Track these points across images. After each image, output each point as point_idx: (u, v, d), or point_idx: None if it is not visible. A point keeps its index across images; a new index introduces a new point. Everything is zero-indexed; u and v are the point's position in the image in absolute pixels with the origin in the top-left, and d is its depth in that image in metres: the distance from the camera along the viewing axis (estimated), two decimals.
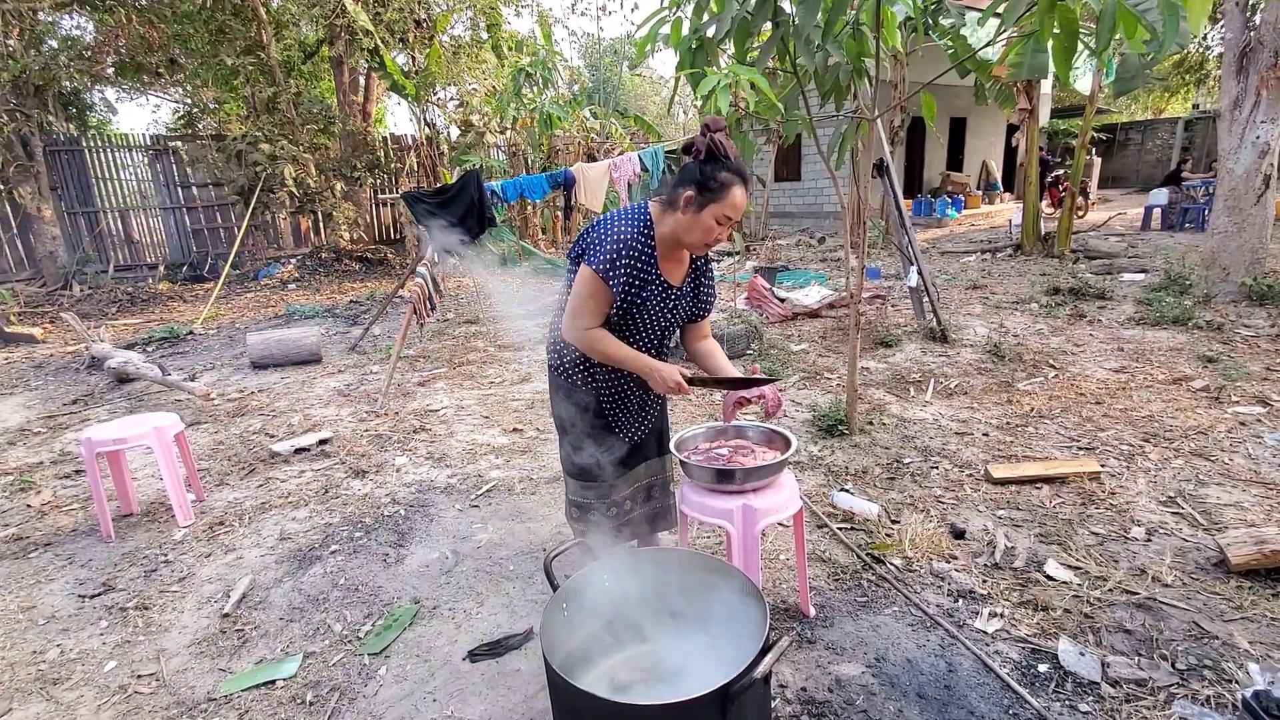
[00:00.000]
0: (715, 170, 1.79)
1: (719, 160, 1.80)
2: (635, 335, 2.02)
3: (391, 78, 10.60)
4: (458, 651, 2.21)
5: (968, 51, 3.34)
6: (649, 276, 1.92)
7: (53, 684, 2.17)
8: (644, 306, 1.96)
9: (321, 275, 11.69)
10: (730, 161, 1.80)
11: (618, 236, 1.86)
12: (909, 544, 2.64)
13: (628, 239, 1.86)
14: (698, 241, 1.87)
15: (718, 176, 1.79)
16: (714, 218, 1.81)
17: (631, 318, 1.98)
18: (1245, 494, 2.89)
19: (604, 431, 2.15)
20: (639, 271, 1.90)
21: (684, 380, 1.93)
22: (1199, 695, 1.83)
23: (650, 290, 1.94)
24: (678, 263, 2.02)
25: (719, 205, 1.80)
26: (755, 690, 1.29)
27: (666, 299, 2.00)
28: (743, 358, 5.41)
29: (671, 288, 2.00)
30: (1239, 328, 5.26)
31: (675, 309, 2.03)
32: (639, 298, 1.93)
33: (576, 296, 1.91)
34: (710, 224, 1.82)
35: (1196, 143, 18.85)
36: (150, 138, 12.25)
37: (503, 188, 5.42)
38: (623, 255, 1.85)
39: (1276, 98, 5.62)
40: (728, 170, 1.80)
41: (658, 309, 1.99)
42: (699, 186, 1.80)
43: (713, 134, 1.80)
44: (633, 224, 1.89)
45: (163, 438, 3.12)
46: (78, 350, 6.96)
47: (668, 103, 3.35)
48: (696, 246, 1.91)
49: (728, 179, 1.79)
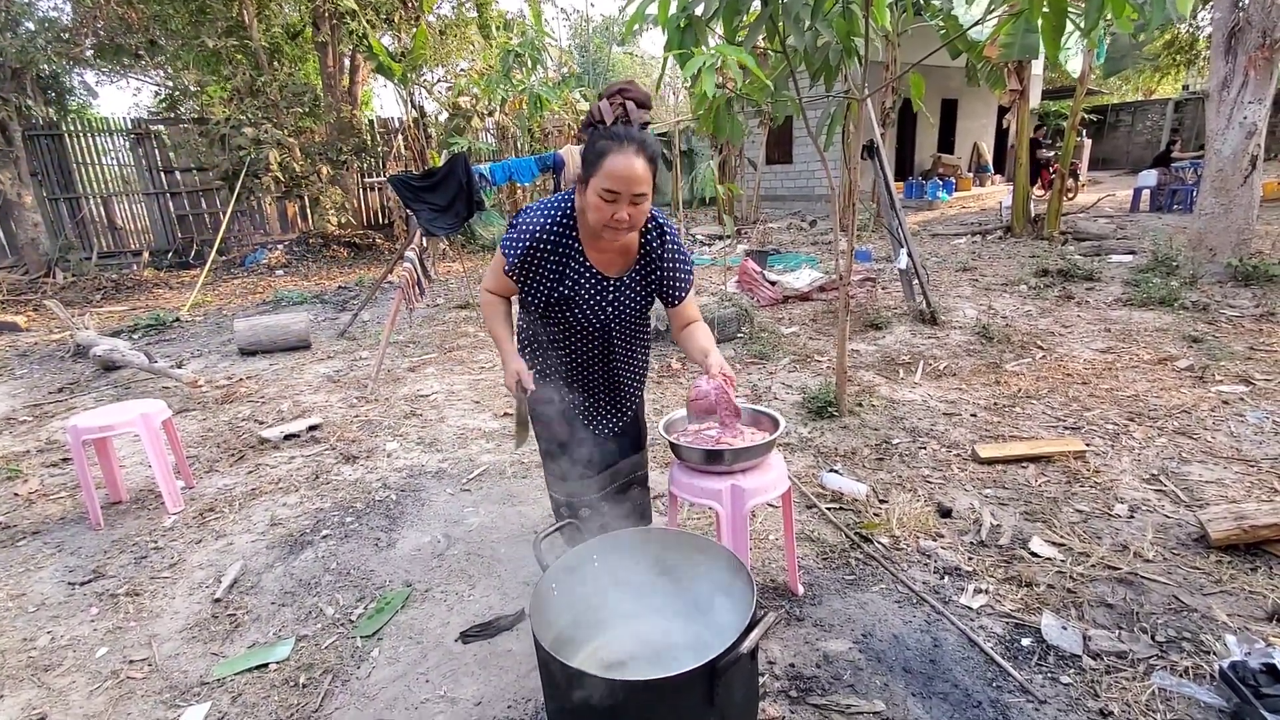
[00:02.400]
0: (592, 139, 1.63)
1: (594, 125, 1.63)
2: (573, 328, 1.92)
3: (377, 59, 10.44)
4: (450, 633, 2.23)
5: (958, 31, 3.32)
6: (568, 268, 1.80)
7: (44, 670, 2.17)
8: (573, 301, 1.84)
9: (309, 261, 11.58)
10: (606, 126, 1.61)
11: (527, 226, 1.77)
12: (896, 523, 2.67)
13: (535, 229, 1.76)
14: (597, 223, 1.67)
15: (594, 146, 1.62)
16: (596, 193, 1.62)
17: (562, 310, 1.87)
18: (1227, 471, 2.93)
19: (574, 425, 2.06)
20: (554, 262, 1.79)
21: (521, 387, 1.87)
22: (1178, 666, 1.87)
23: (577, 284, 1.82)
24: (617, 253, 1.84)
25: (596, 178, 1.61)
26: (742, 665, 1.31)
27: (601, 291, 1.85)
28: (733, 341, 5.42)
29: (605, 279, 1.85)
30: (1224, 308, 5.31)
31: (618, 301, 1.88)
32: (558, 289, 1.82)
33: (493, 261, 1.89)
34: (597, 201, 1.62)
35: (1186, 124, 18.90)
36: (131, 121, 12.03)
37: (491, 171, 5.37)
38: (525, 243, 1.76)
39: (1264, 78, 5.63)
40: (604, 137, 1.61)
41: (591, 303, 1.86)
42: (582, 159, 1.64)
43: (605, 99, 1.65)
44: (547, 214, 1.78)
45: (150, 425, 3.10)
46: (62, 338, 6.89)
47: (656, 83, 3.32)
48: (601, 230, 1.70)
49: (603, 147, 1.60)
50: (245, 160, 10.17)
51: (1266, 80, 5.64)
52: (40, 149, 11.01)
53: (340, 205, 12.02)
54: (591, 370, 2.02)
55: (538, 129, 11.02)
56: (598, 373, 2.03)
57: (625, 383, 2.11)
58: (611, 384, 2.07)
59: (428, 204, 5.14)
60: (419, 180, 5.22)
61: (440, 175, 5.16)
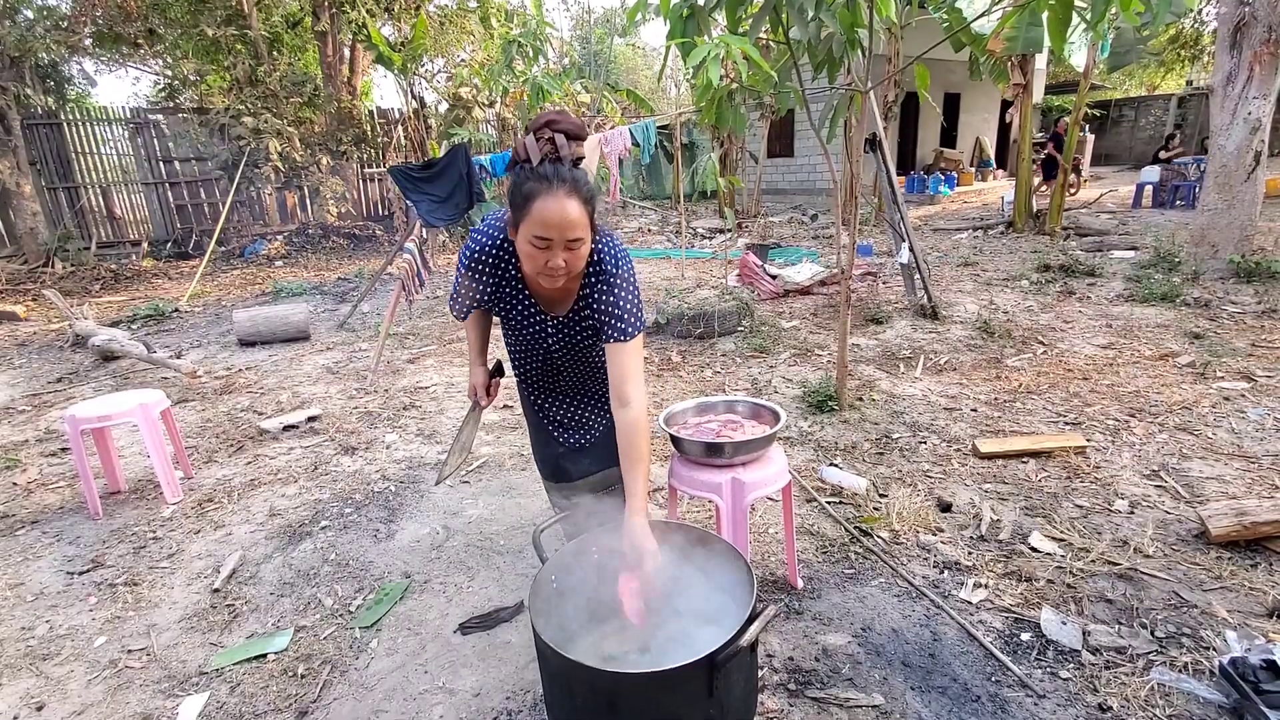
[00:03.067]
0: (518, 182, 1.45)
1: (520, 165, 1.46)
2: (520, 353, 1.87)
3: (377, 49, 10.38)
4: (449, 625, 2.23)
5: (962, 23, 3.29)
6: (507, 297, 1.72)
7: (42, 659, 2.17)
8: (510, 322, 1.78)
9: (309, 252, 11.55)
10: (533, 166, 1.43)
11: (472, 243, 1.67)
12: (896, 517, 2.66)
13: (476, 249, 1.66)
14: (532, 272, 1.52)
15: (521, 188, 1.44)
16: (527, 241, 1.46)
17: (511, 334, 1.83)
18: (1227, 468, 2.93)
19: (543, 429, 2.00)
20: (495, 285, 1.70)
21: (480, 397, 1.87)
22: (1177, 662, 1.87)
23: (514, 311, 1.74)
24: (557, 292, 1.67)
25: (526, 224, 1.45)
26: (742, 659, 1.30)
27: (540, 325, 1.75)
28: (733, 334, 5.41)
29: (545, 315, 1.73)
30: (1226, 304, 5.30)
31: (559, 336, 1.76)
32: (500, 308, 1.76)
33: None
34: (529, 250, 1.46)
35: (1190, 119, 18.83)
36: (130, 111, 11.97)
37: (491, 162, 5.35)
38: (473, 257, 1.66)
39: (1269, 74, 5.60)
40: (531, 178, 1.43)
41: (532, 333, 1.77)
42: (510, 203, 1.49)
43: (531, 133, 1.45)
44: (489, 235, 1.65)
45: (148, 415, 3.09)
46: (61, 328, 6.87)
47: (658, 74, 3.28)
48: (539, 280, 1.54)
49: (530, 189, 1.43)
50: (245, 150, 10.13)
51: (1271, 76, 5.61)
52: (39, 138, 10.96)
53: (340, 196, 11.98)
54: (545, 386, 1.96)
55: None
56: (551, 390, 1.96)
57: (586, 405, 1.98)
58: (568, 403, 1.97)
59: (428, 195, 5.11)
60: (419, 171, 5.19)
61: (440, 166, 5.13)
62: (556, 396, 1.97)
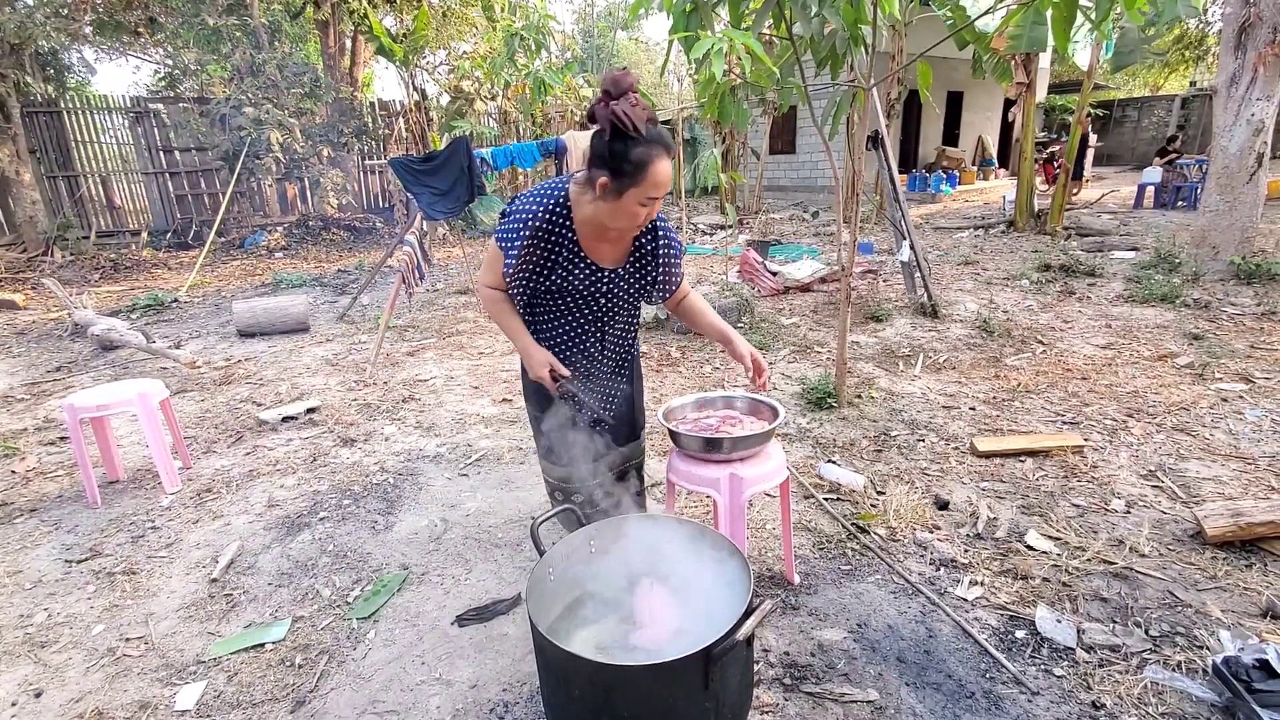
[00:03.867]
0: (627, 149, 1.54)
1: (626, 137, 1.54)
2: (566, 316, 1.91)
3: (379, 41, 10.34)
4: (446, 616, 2.23)
5: (966, 21, 3.28)
6: (562, 259, 1.78)
7: (40, 647, 2.17)
8: (566, 292, 1.84)
9: (309, 243, 11.53)
10: (641, 133, 1.54)
11: (521, 216, 1.73)
12: (893, 514, 2.67)
13: (530, 221, 1.72)
14: (626, 228, 1.70)
15: (630, 156, 1.54)
16: (636, 202, 1.60)
17: (557, 304, 1.87)
18: (1224, 468, 2.94)
19: (564, 412, 2.03)
20: (550, 253, 1.77)
21: (552, 379, 1.86)
22: (1171, 661, 1.88)
23: (570, 275, 1.81)
24: (609, 244, 1.82)
25: (639, 189, 1.58)
26: (738, 652, 1.31)
27: (596, 284, 1.85)
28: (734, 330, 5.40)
29: (601, 271, 1.83)
30: (1225, 306, 5.30)
31: (612, 293, 1.89)
32: (551, 281, 1.81)
33: (487, 256, 1.86)
34: (634, 209, 1.62)
35: (1193, 120, 18.79)
36: (131, 100, 11.93)
37: (493, 155, 5.33)
38: (523, 236, 1.72)
39: (1273, 74, 5.59)
40: (640, 145, 1.54)
41: (585, 294, 1.86)
42: (612, 171, 1.57)
43: (612, 103, 1.53)
44: (541, 202, 1.73)
45: (147, 404, 3.09)
46: (60, 317, 6.87)
47: (660, 68, 3.28)
48: (628, 231, 1.73)
49: (642, 156, 1.55)
50: (245, 141, 10.09)
51: (1275, 77, 5.60)
52: (39, 126, 10.93)
53: (340, 188, 11.94)
54: (579, 359, 1.99)
55: (539, 114, 10.93)
56: (585, 362, 2.00)
57: (614, 372, 2.08)
58: (600, 373, 2.04)
59: (428, 187, 5.10)
60: (420, 163, 5.18)
61: (441, 159, 5.12)
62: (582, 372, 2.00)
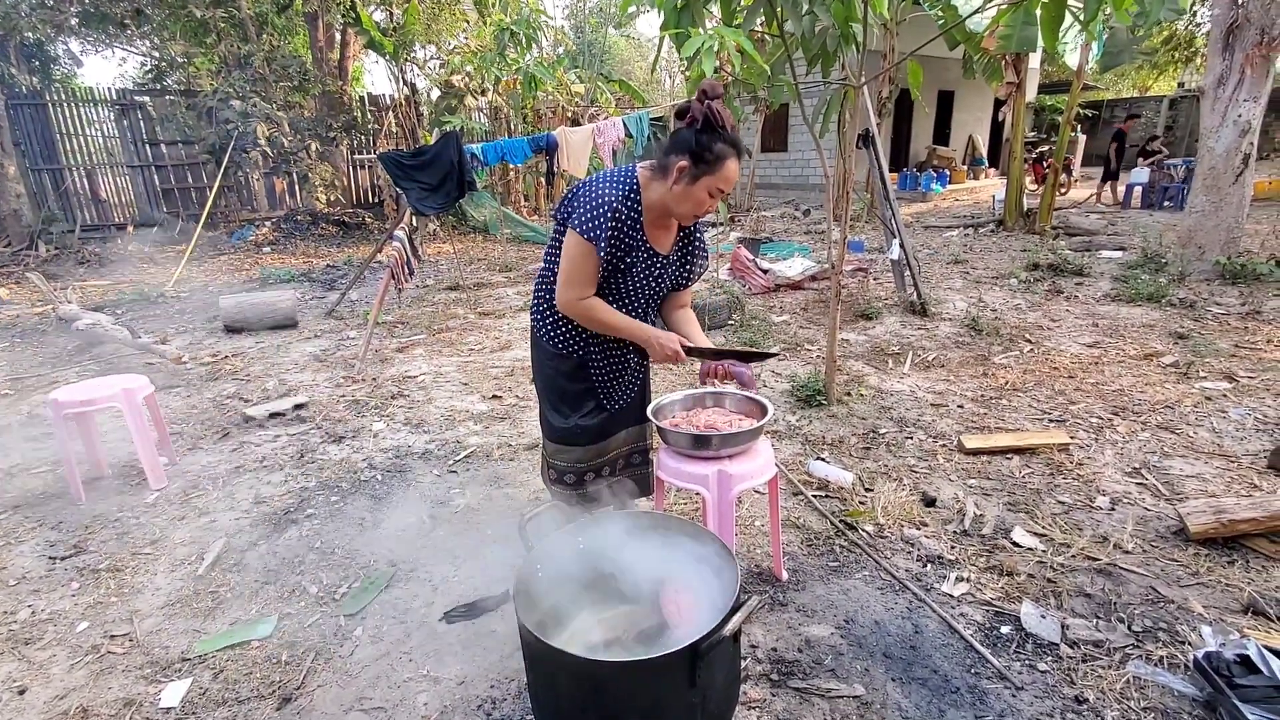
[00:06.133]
0: (712, 141, 1.72)
1: (715, 130, 1.73)
2: (622, 302, 1.98)
3: (368, 34, 10.26)
4: (434, 613, 2.23)
5: (956, 20, 3.30)
6: (634, 242, 1.88)
7: (24, 644, 2.15)
8: (629, 273, 1.92)
9: (297, 238, 11.43)
10: (726, 132, 1.74)
11: (601, 198, 1.80)
12: (881, 511, 2.69)
13: (611, 202, 1.80)
14: (688, 213, 1.83)
15: (714, 148, 1.72)
16: (707, 190, 1.77)
17: (617, 284, 1.94)
18: (1208, 466, 2.97)
19: (587, 398, 2.11)
20: (624, 236, 1.85)
21: (681, 350, 1.93)
22: (1153, 656, 1.90)
23: (635, 257, 1.90)
24: (665, 230, 1.96)
25: (713, 178, 1.75)
26: (724, 648, 1.32)
27: (652, 267, 1.95)
28: (724, 328, 5.41)
29: (658, 255, 1.95)
30: (1210, 305, 5.36)
31: (662, 277, 2.00)
32: (623, 264, 1.89)
33: (568, 262, 1.85)
34: (703, 196, 1.78)
35: (1180, 121, 18.94)
36: (117, 92, 11.78)
37: (483, 151, 5.30)
38: (606, 218, 1.79)
39: (1260, 76, 5.65)
40: (724, 141, 1.73)
41: (643, 276, 1.95)
42: (694, 157, 1.73)
43: (710, 101, 1.73)
44: (618, 187, 1.83)
45: (132, 400, 3.06)
46: (44, 311, 6.78)
47: (651, 65, 3.26)
48: (686, 217, 1.87)
49: (723, 150, 1.73)
50: (232, 134, 9.99)
51: (1262, 78, 5.66)
52: (23, 118, 10.76)
53: (329, 182, 11.87)
54: (620, 342, 2.06)
55: (530, 110, 10.89)
56: (622, 347, 2.08)
57: (640, 355, 2.16)
58: (629, 358, 2.13)
59: (418, 183, 5.07)
60: (409, 158, 5.15)
61: (431, 154, 5.09)
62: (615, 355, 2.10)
